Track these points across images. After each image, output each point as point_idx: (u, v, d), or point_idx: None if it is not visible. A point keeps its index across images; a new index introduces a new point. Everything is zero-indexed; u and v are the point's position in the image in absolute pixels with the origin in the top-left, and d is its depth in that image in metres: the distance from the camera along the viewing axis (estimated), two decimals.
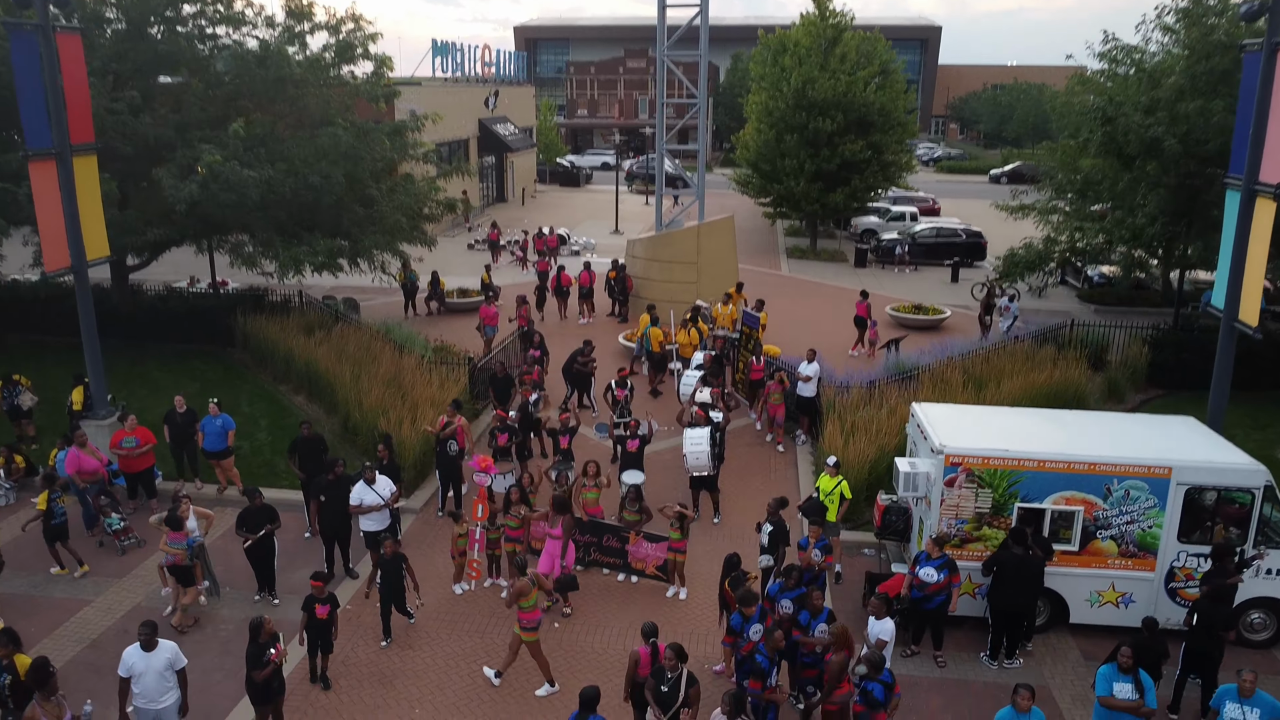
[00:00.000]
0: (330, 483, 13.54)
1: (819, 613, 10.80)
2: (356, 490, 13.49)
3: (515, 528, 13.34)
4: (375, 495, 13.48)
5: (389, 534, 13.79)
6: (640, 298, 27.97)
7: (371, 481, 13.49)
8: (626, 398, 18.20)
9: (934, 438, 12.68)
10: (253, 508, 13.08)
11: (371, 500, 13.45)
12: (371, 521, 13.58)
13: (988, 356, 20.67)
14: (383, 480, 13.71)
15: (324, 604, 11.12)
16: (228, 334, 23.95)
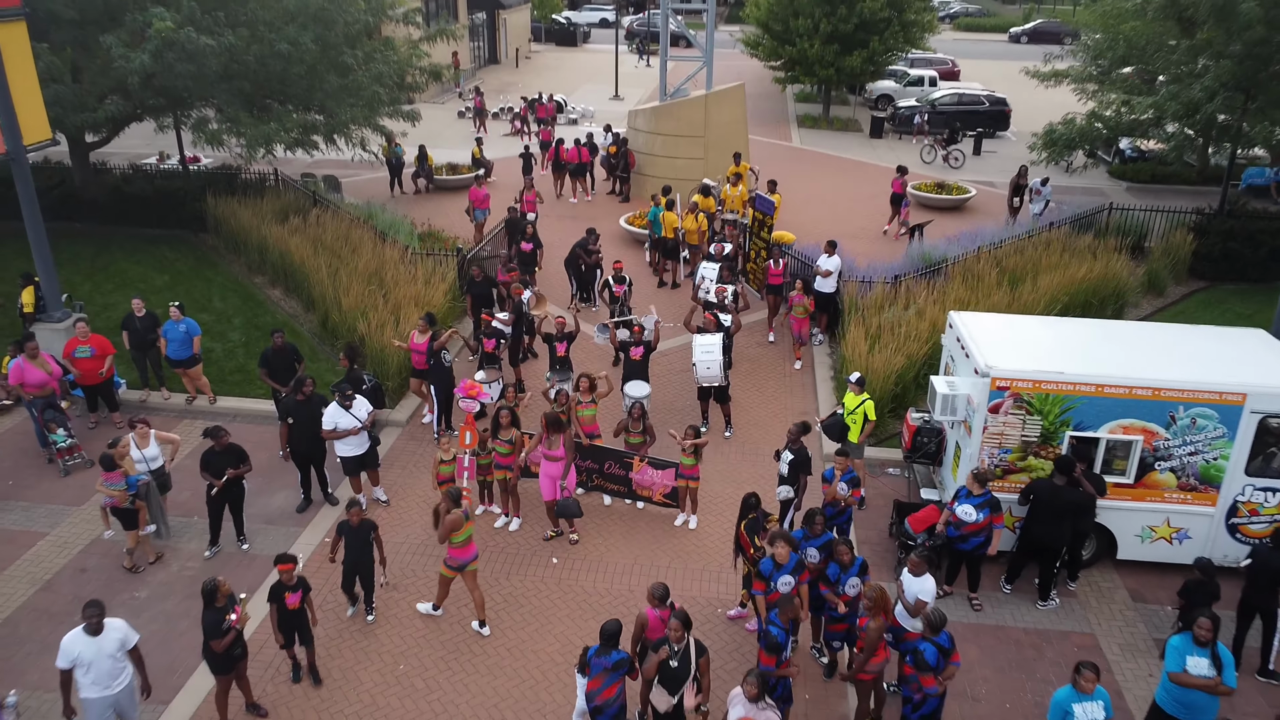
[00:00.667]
0: (299, 403, 12.18)
1: (849, 566, 9.61)
2: (330, 413, 12.14)
3: (505, 454, 12.04)
4: (351, 418, 12.13)
5: (369, 460, 12.56)
6: (643, 175, 26.05)
7: (348, 404, 12.12)
8: (625, 294, 16.67)
9: (978, 357, 11.23)
10: (216, 449, 11.49)
11: (347, 424, 12.12)
12: (348, 446, 12.28)
13: (1021, 247, 19.00)
14: (359, 401, 12.35)
15: (294, 590, 9.34)
16: (198, 218, 22.17)
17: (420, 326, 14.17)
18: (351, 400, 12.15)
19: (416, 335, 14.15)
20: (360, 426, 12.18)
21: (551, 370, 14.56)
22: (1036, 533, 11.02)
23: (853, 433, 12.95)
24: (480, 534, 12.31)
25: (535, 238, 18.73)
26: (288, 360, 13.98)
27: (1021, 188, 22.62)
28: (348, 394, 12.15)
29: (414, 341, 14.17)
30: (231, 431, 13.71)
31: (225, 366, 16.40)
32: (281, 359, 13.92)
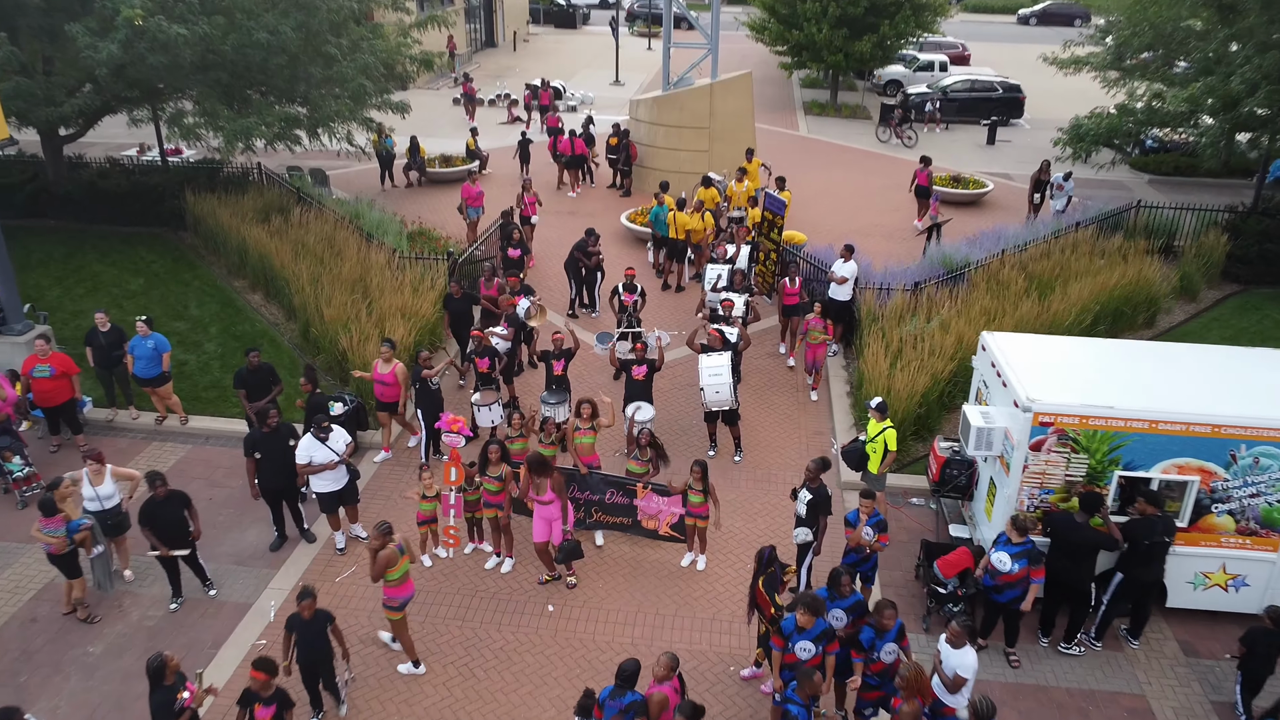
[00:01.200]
0: (265, 436, 11.08)
1: (886, 631, 8.58)
2: (304, 445, 11.07)
3: (495, 491, 10.98)
4: (327, 451, 11.07)
5: (348, 496, 11.51)
6: (644, 168, 24.90)
7: (324, 435, 11.05)
8: (636, 304, 15.56)
9: (1019, 389, 10.16)
10: (155, 499, 10.29)
11: (322, 457, 11.05)
12: (325, 481, 11.22)
13: (1046, 249, 17.89)
14: (337, 433, 11.28)
15: (268, 704, 7.99)
16: (178, 215, 21.03)
17: (383, 354, 12.86)
18: (328, 432, 11.08)
19: (380, 364, 12.86)
20: (337, 461, 11.12)
21: (548, 389, 13.46)
22: (1055, 569, 10.01)
23: (872, 462, 11.91)
24: (470, 576, 11.30)
25: (523, 243, 17.44)
26: (264, 380, 12.94)
27: (1043, 183, 21.47)
28: (323, 425, 11.08)
29: (377, 371, 12.88)
30: (206, 455, 12.79)
31: (199, 381, 15.33)
32: (258, 379, 12.86)
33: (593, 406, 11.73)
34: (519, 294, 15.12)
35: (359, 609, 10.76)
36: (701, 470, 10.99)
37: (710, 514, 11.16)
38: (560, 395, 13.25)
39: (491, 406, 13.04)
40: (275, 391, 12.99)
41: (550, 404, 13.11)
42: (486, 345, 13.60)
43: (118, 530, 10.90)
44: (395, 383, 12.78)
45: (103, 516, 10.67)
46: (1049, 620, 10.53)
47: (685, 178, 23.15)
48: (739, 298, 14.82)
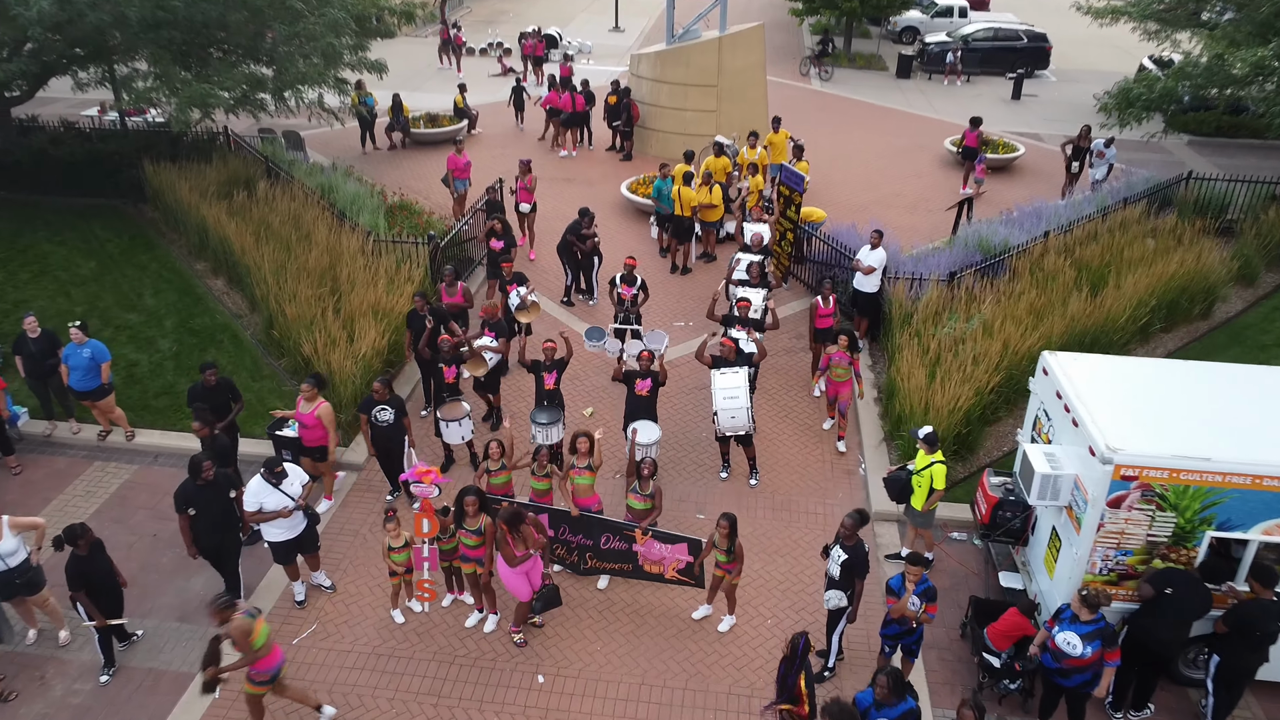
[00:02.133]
0: (200, 489, 9.35)
1: None
2: (253, 489, 9.47)
3: (474, 545, 9.41)
4: (280, 496, 9.49)
5: (306, 544, 9.95)
6: (646, 129, 22.98)
7: (277, 478, 9.46)
8: (635, 298, 13.85)
9: (1095, 433, 8.53)
10: (76, 556, 8.78)
11: (274, 503, 9.48)
12: (279, 529, 9.65)
13: (1094, 230, 16.12)
14: (293, 473, 9.69)
15: None
16: (136, 185, 19.19)
17: (304, 391, 10.78)
18: (281, 475, 9.48)
19: (302, 403, 10.80)
20: (292, 507, 9.54)
21: (538, 406, 11.81)
22: (1153, 633, 8.51)
23: (917, 497, 10.33)
24: (447, 637, 9.78)
25: (507, 234, 15.38)
26: (222, 400, 11.24)
27: (1082, 150, 19.58)
28: (276, 467, 9.47)
29: (299, 412, 10.87)
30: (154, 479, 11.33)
31: (150, 387, 13.69)
32: (214, 399, 11.18)
33: (590, 441, 10.11)
34: (511, 283, 13.42)
35: (322, 678, 9.27)
36: (729, 526, 9.34)
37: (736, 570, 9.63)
38: (553, 414, 11.60)
39: (461, 421, 11.45)
40: (235, 410, 11.36)
41: (541, 424, 11.47)
42: (453, 352, 11.73)
43: (29, 590, 9.31)
44: (318, 425, 10.74)
45: (4, 578, 9.04)
46: (1122, 689, 9.04)
47: (690, 140, 21.26)
48: (756, 294, 13.11)
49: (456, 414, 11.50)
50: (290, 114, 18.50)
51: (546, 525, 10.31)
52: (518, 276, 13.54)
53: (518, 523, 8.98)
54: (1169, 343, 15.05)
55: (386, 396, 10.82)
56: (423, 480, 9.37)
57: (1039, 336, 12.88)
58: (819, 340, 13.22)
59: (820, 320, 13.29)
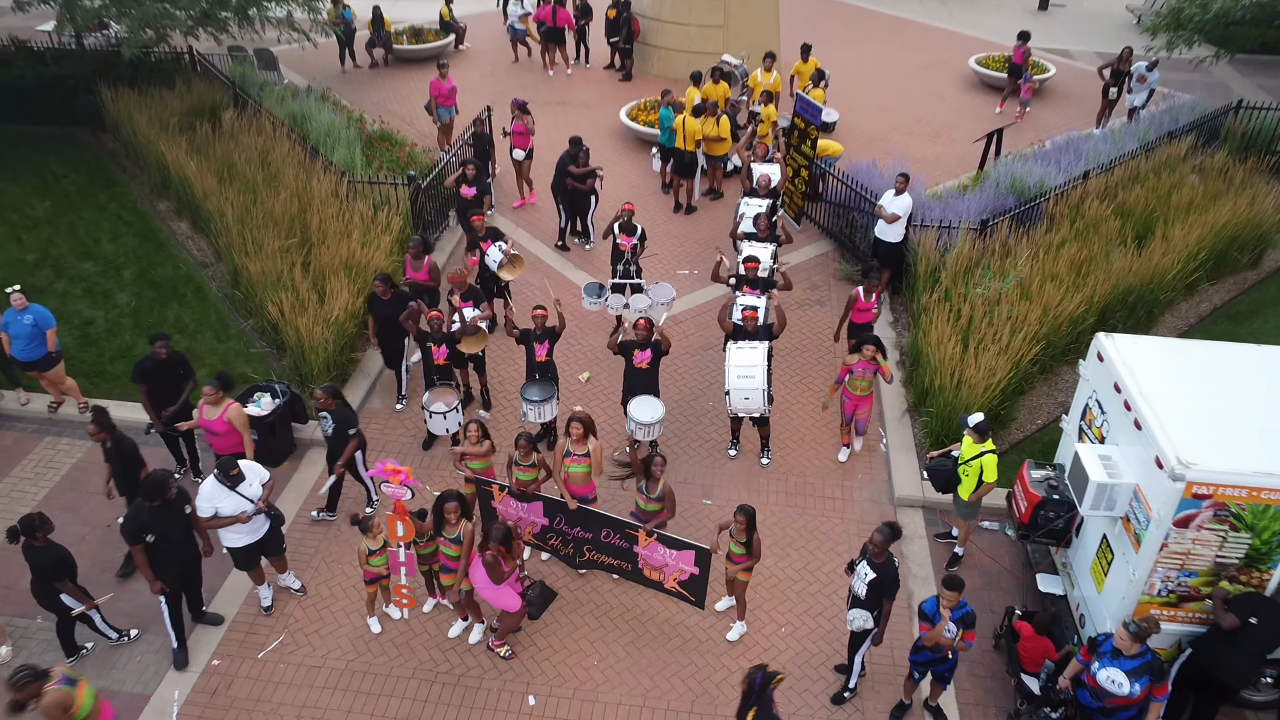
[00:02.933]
0: (158, 510, 8.14)
1: None
2: (206, 491, 8.42)
3: (455, 555, 8.42)
4: (238, 499, 8.45)
5: (270, 546, 8.95)
6: (646, 45, 21.26)
7: (233, 479, 8.39)
8: (635, 248, 12.58)
9: (1163, 441, 7.44)
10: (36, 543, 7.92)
11: (231, 508, 8.44)
12: (238, 533, 8.65)
13: (1135, 170, 14.72)
14: (250, 471, 8.63)
15: None
16: (95, 112, 17.66)
17: (207, 394, 9.37)
18: (237, 476, 8.41)
19: (206, 408, 9.44)
20: (251, 512, 8.51)
21: (529, 380, 10.67)
22: (1228, 663, 7.61)
23: (964, 487, 9.29)
24: (428, 649, 8.87)
25: (480, 180, 13.53)
26: (173, 376, 10.09)
27: (1122, 75, 17.97)
28: (231, 469, 8.39)
29: (203, 417, 9.49)
30: None
31: (106, 349, 12.53)
32: (165, 375, 10.05)
33: (584, 426, 9.01)
34: (486, 239, 12.10)
35: (289, 699, 8.40)
36: (747, 520, 8.36)
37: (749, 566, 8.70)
38: (545, 390, 10.47)
39: (447, 414, 10.12)
40: (188, 389, 10.21)
41: (534, 401, 10.36)
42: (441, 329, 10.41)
43: None
44: (228, 430, 9.42)
45: None
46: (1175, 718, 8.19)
47: (695, 59, 19.63)
48: (764, 251, 11.82)
49: (446, 402, 10.19)
50: (257, 35, 16.86)
51: (541, 513, 9.34)
52: (492, 231, 12.16)
53: (509, 540, 7.98)
54: (1215, 296, 13.85)
55: (331, 406, 9.43)
56: (391, 480, 8.30)
57: (1081, 299, 11.68)
58: (852, 336, 11.30)
59: (859, 314, 11.39)
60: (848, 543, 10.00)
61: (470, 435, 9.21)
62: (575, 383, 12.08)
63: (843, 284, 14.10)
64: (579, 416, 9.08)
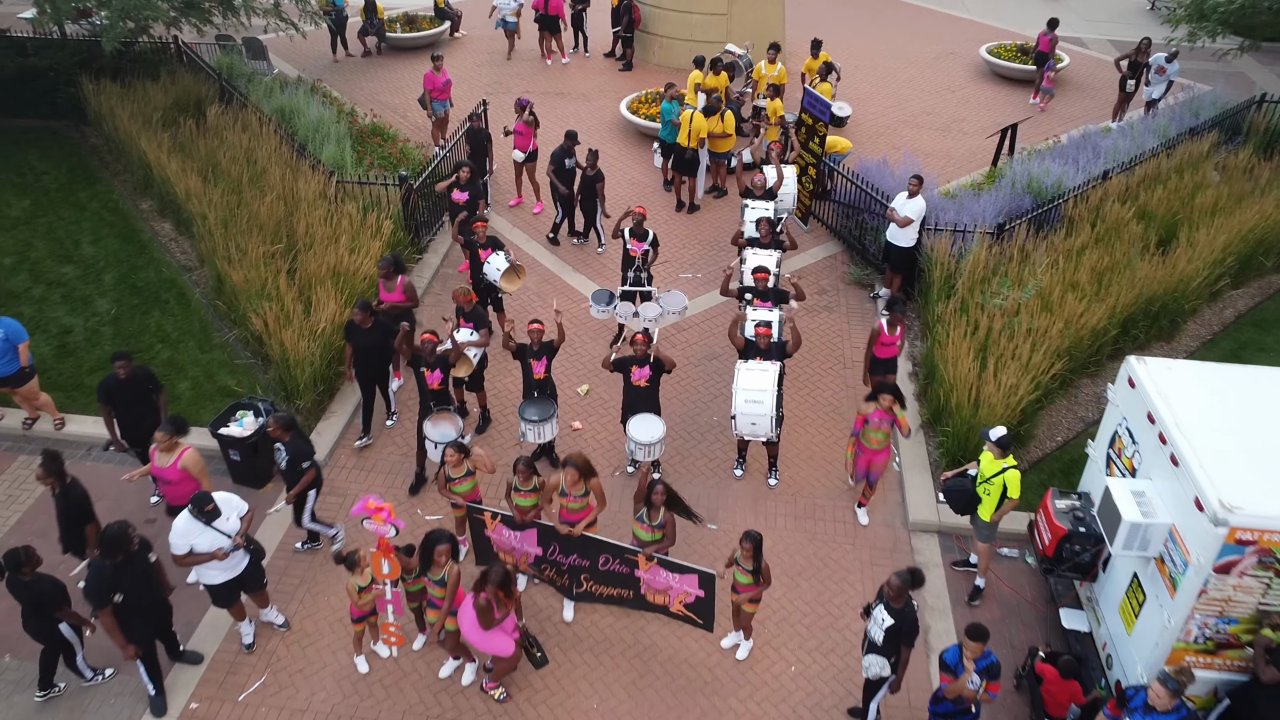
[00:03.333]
0: (121, 566, 7.52)
1: None
2: (179, 527, 7.91)
3: (442, 595, 7.93)
4: (214, 535, 7.95)
5: (250, 582, 8.46)
6: (648, 34, 20.62)
7: (207, 515, 7.88)
8: (646, 255, 12.01)
9: (1204, 481, 6.93)
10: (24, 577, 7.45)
11: (208, 544, 7.94)
12: (216, 570, 8.16)
13: (1157, 167, 14.14)
14: (227, 503, 8.12)
15: None
16: (77, 105, 17.07)
17: (162, 439, 8.42)
18: (211, 512, 7.90)
19: (158, 455, 8.51)
20: (228, 549, 8.01)
21: (526, 399, 10.14)
22: (1266, 715, 7.13)
23: (985, 507, 8.80)
24: (419, 690, 8.39)
25: (474, 185, 12.89)
26: (141, 392, 9.57)
27: (1139, 67, 17.34)
28: (206, 505, 7.88)
29: (155, 465, 8.58)
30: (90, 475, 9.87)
31: (84, 360, 12.01)
32: (132, 392, 9.53)
33: (579, 471, 8.44)
34: (486, 248, 11.53)
35: None
36: (753, 546, 7.89)
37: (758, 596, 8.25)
38: (544, 409, 9.94)
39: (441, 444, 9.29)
40: (161, 404, 9.69)
41: (533, 421, 9.84)
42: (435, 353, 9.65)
43: None
44: (183, 479, 8.52)
45: None
46: None
47: (696, 48, 18.99)
48: (770, 259, 11.26)
49: (447, 433, 9.46)
50: (241, 26, 16.24)
51: (535, 542, 8.84)
52: (492, 240, 11.57)
53: (509, 585, 7.49)
54: (1239, 301, 13.32)
55: (284, 437, 8.77)
56: (373, 518, 7.78)
57: (1104, 310, 11.15)
58: (875, 373, 10.54)
59: (882, 349, 10.49)
60: (859, 572, 9.52)
61: (449, 459, 8.69)
62: (573, 396, 11.56)
63: (852, 288, 13.57)
64: (573, 461, 8.49)
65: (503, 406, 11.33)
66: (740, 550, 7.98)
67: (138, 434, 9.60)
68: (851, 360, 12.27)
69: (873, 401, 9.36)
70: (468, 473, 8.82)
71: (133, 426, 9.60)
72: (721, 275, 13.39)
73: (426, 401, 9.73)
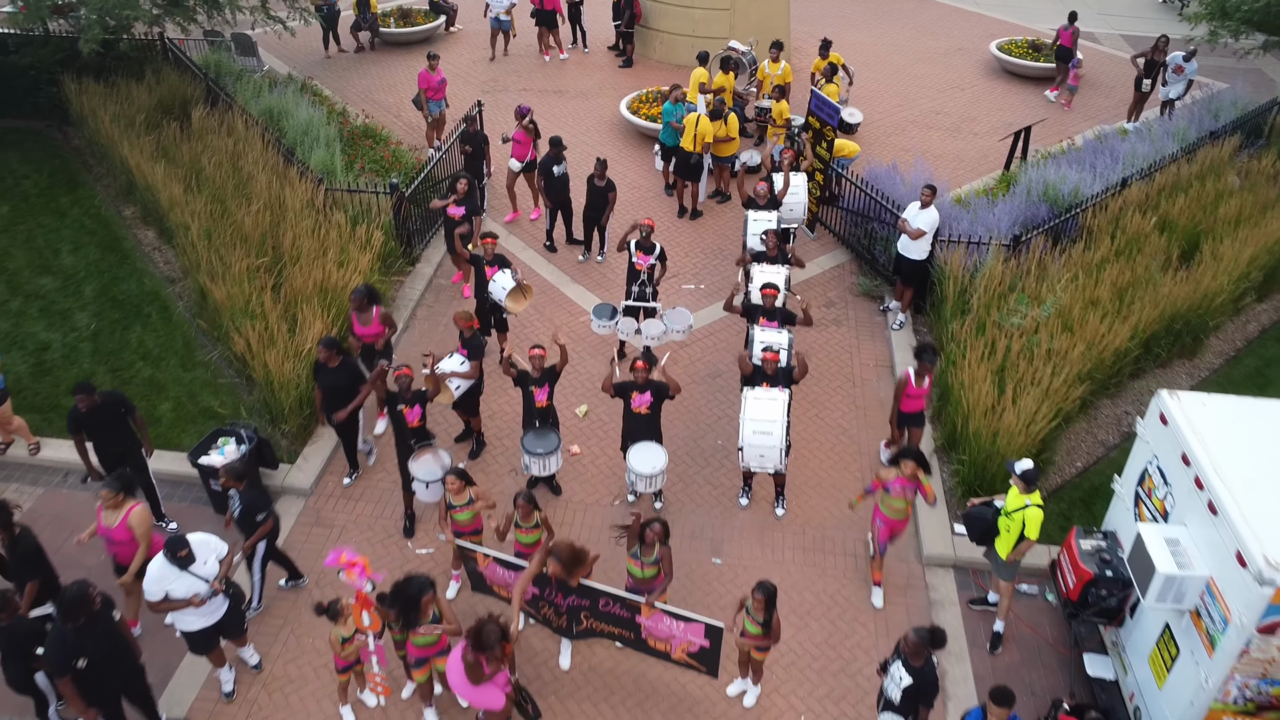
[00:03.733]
0: (84, 630, 6.96)
1: None
2: (154, 572, 7.45)
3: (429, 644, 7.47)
4: (190, 580, 7.49)
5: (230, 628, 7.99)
6: (648, 29, 20.06)
7: (183, 559, 7.42)
8: (653, 269, 11.48)
9: (1248, 537, 6.46)
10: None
11: (184, 590, 7.48)
12: (193, 616, 7.69)
13: (1177, 174, 13.62)
14: (204, 546, 7.65)
15: None
16: (60, 105, 16.52)
17: (108, 497, 7.84)
18: (185, 558, 7.43)
19: (103, 513, 7.93)
20: (205, 595, 7.55)
21: (527, 429, 9.63)
22: None
23: (1003, 543, 8.32)
24: None
25: (471, 198, 12.13)
26: (112, 416, 9.03)
27: (1156, 65, 16.79)
28: (180, 550, 7.40)
29: (100, 525, 7.98)
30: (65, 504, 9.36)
31: (62, 379, 11.49)
32: (101, 417, 8.99)
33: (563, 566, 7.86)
34: (493, 264, 10.96)
35: None
36: (765, 599, 7.41)
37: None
38: (548, 441, 9.43)
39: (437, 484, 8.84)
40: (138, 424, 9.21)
41: (537, 455, 9.36)
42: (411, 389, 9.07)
43: None
44: (130, 540, 7.99)
45: None
46: None
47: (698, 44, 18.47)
48: (777, 274, 10.76)
49: (433, 471, 8.90)
50: (227, 24, 15.68)
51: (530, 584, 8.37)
52: (499, 257, 11.03)
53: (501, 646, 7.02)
54: (1263, 315, 12.84)
55: (239, 486, 8.24)
56: (348, 572, 7.29)
57: (1127, 329, 10.66)
58: (904, 426, 9.94)
59: (909, 401, 9.72)
60: (871, 611, 9.06)
61: (451, 486, 8.24)
62: (572, 417, 11.08)
63: (861, 300, 13.07)
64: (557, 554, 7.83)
65: (497, 430, 10.86)
66: (752, 600, 7.52)
67: (116, 461, 9.13)
68: (861, 378, 11.79)
69: (894, 468, 8.62)
70: (469, 500, 8.38)
71: (109, 454, 9.14)
72: (725, 285, 13.02)
73: (406, 440, 9.17)
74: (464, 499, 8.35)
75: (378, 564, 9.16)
